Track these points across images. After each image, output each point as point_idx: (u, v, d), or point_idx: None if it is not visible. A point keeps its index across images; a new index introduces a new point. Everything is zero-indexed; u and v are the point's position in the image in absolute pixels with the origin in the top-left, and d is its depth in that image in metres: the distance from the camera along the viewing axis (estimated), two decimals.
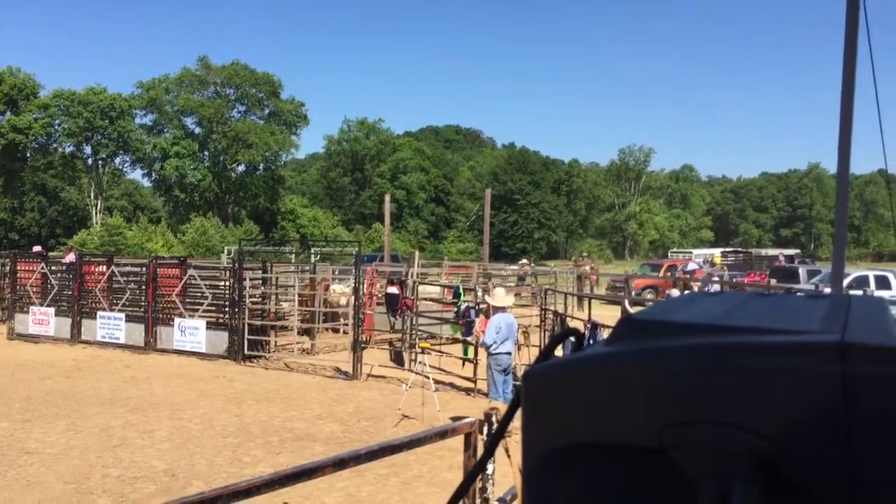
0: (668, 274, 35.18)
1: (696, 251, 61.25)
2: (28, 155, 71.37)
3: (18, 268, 21.15)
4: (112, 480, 8.41)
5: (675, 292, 17.53)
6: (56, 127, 70.78)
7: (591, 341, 11.22)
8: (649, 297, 31.14)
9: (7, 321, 21.14)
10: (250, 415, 11.77)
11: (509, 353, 11.51)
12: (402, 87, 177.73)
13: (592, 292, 29.92)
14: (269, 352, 17.64)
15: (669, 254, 68.83)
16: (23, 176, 71.87)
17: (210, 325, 17.70)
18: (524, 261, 45.14)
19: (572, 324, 14.04)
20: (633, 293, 29.97)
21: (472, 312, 15.08)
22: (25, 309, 20.34)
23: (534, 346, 14.46)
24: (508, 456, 4.64)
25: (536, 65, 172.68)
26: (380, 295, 20.68)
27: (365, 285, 17.77)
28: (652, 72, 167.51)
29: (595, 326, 11.76)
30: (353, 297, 16.14)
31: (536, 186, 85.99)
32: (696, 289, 17.72)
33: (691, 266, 35.57)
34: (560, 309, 16.36)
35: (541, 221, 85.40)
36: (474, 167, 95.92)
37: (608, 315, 14.76)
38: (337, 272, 24.76)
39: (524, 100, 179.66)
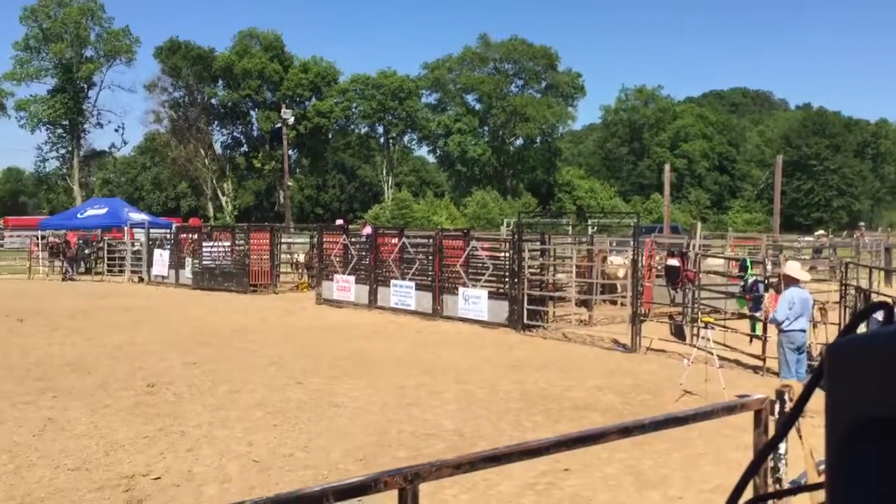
0: None
1: None
2: (330, 136, 78.95)
3: (324, 240, 23.50)
4: (407, 436, 9.12)
5: None
6: (353, 109, 77.47)
7: None
8: None
9: (315, 288, 23.64)
10: (530, 382, 12.11)
11: (804, 331, 10.74)
12: (683, 51, 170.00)
13: None
14: (547, 322, 17.98)
15: None
16: (326, 156, 79.61)
17: (491, 295, 18.43)
18: (821, 232, 41.59)
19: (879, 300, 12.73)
20: None
21: (761, 286, 14.24)
22: (330, 277, 22.56)
23: (832, 323, 13.35)
24: (800, 437, 4.36)
25: (834, 15, 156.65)
26: (659, 267, 20.20)
27: (644, 257, 17.46)
28: None
29: None
30: (631, 269, 15.94)
31: (836, 150, 78.53)
32: None
33: None
34: (864, 284, 14.91)
35: (841, 189, 78.00)
36: (763, 132, 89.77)
37: None
38: (614, 244, 24.56)
39: (821, 55, 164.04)
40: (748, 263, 16.61)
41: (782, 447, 3.60)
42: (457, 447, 8.58)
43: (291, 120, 59.71)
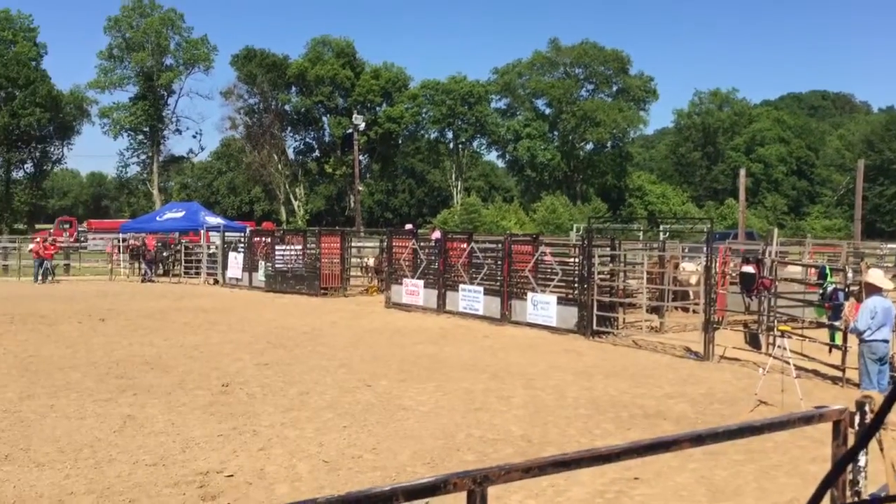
0: None
1: None
2: (400, 142, 79.74)
3: (394, 244, 23.70)
4: (475, 440, 9.12)
5: None
6: (423, 115, 78.04)
7: None
8: None
9: (385, 291, 23.85)
10: (600, 389, 11.98)
11: (886, 341, 10.35)
12: (759, 52, 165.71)
13: None
14: (617, 328, 17.75)
15: None
16: (396, 161, 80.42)
17: (560, 301, 18.28)
18: None
19: None
20: None
21: (841, 295, 13.78)
22: (399, 281, 22.73)
23: None
24: (882, 450, 4.21)
25: None
26: (733, 274, 19.74)
27: (717, 264, 17.09)
28: None
29: None
30: (704, 276, 15.62)
31: None
32: None
33: None
34: None
35: None
36: (844, 135, 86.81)
37: None
38: (687, 250, 24.12)
39: None
40: (828, 271, 16.08)
41: (862, 459, 3.47)
42: (524, 452, 8.55)
43: (362, 125, 60.46)
